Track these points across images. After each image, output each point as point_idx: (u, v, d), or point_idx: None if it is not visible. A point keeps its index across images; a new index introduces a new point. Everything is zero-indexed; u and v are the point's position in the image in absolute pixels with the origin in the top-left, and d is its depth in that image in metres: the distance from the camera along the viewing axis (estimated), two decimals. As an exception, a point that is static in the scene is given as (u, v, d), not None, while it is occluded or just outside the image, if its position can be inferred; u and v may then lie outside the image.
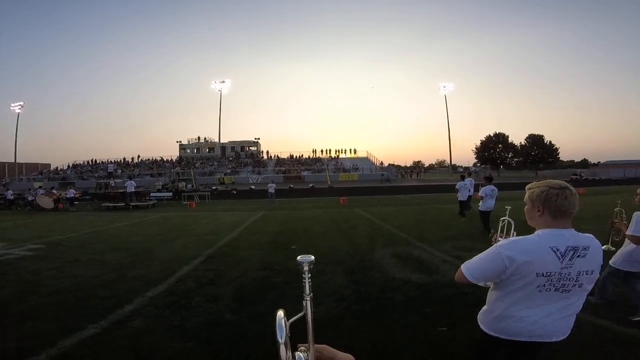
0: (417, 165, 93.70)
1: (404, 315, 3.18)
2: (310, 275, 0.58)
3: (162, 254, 6.34)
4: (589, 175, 38.48)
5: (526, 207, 1.48)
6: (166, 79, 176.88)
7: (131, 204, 16.77)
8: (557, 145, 51.21)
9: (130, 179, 18.26)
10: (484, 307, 1.56)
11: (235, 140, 50.88)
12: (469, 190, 10.25)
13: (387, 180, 34.41)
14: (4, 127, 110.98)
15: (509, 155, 54.34)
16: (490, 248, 1.44)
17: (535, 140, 52.06)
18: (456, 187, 10.31)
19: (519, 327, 1.40)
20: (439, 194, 23.03)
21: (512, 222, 2.22)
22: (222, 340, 2.84)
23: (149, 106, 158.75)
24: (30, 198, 19.03)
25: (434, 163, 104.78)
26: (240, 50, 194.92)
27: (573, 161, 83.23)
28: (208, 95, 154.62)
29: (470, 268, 1.45)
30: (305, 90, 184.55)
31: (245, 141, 50.42)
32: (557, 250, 1.32)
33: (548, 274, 1.32)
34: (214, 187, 27.78)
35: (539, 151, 51.18)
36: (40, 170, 51.18)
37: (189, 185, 28.96)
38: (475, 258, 1.47)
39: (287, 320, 0.53)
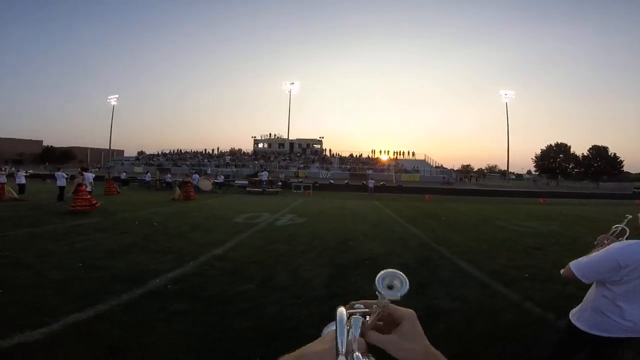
0: (467, 169, 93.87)
1: (534, 238, 7.64)
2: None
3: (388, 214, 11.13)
4: (655, 189, 38.09)
5: None
6: (237, 78, 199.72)
7: (266, 189, 22.47)
8: (622, 158, 50.82)
9: (264, 170, 24.05)
10: (582, 304, 1.67)
11: (301, 138, 57.13)
12: None
13: (448, 183, 37.75)
14: (94, 117, 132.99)
15: (570, 166, 54.59)
16: (604, 250, 1.53)
17: (599, 152, 51.95)
18: None
19: (617, 323, 1.48)
20: (503, 197, 26.60)
21: (627, 230, 2.19)
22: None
23: (222, 102, 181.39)
24: (195, 182, 25.52)
25: (483, 168, 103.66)
26: (307, 56, 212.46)
27: (642, 173, 78.66)
28: (274, 94, 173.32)
29: (582, 268, 1.54)
30: (365, 93, 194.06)
31: (310, 139, 56.54)
32: None
33: None
34: (300, 180, 33.32)
35: (601, 163, 51.02)
36: (113, 156, 60.93)
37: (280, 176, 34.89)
38: (585, 258, 1.56)
39: (349, 318, 0.43)
